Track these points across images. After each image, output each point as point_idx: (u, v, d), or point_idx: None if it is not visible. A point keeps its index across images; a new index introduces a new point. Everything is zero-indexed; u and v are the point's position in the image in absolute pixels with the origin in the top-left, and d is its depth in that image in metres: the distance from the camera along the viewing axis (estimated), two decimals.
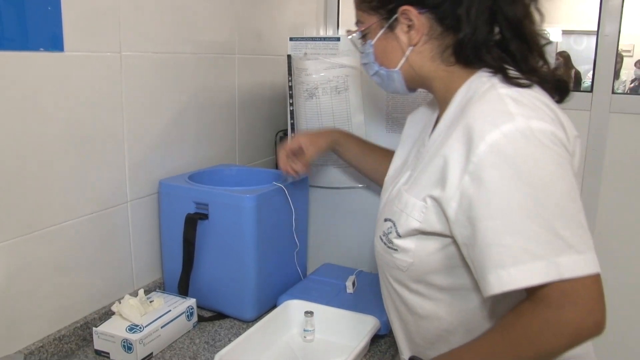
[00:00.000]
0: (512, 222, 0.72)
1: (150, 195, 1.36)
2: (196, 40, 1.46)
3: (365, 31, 0.95)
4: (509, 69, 0.84)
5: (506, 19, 0.84)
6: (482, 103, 0.79)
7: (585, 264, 0.71)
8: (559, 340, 0.71)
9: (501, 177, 0.73)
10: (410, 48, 0.90)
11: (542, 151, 0.74)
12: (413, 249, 0.86)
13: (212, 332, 1.26)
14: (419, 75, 0.93)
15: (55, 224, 1.12)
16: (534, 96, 0.80)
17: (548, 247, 0.71)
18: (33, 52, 1.03)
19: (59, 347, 1.12)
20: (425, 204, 0.83)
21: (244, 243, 1.26)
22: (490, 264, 0.73)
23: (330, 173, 1.55)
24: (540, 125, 0.75)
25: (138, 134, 1.30)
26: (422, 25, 0.87)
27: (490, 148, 0.74)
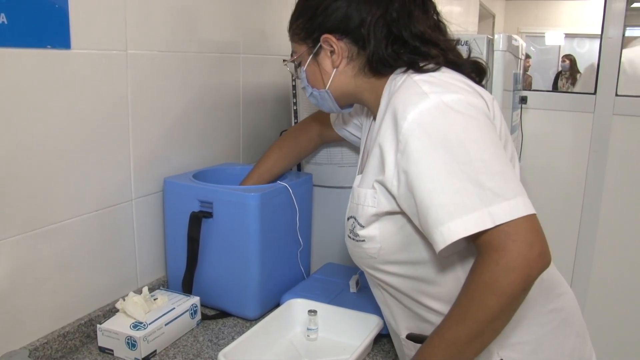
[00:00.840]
0: (441, 182, 0.80)
1: (155, 194, 1.37)
2: (201, 40, 1.47)
3: (298, 59, 1.07)
4: (421, 62, 0.94)
5: (410, 34, 0.95)
6: (401, 91, 0.89)
7: (516, 208, 0.78)
8: (512, 278, 0.76)
9: (424, 146, 0.82)
10: (335, 70, 1.01)
11: (456, 117, 0.82)
12: (378, 235, 0.93)
13: (215, 330, 1.26)
14: (347, 92, 1.04)
15: (59, 221, 1.12)
16: (447, 76, 0.91)
17: (478, 199, 0.78)
18: (40, 49, 1.03)
19: (63, 343, 1.13)
20: (374, 190, 0.91)
21: (248, 241, 1.26)
22: (432, 224, 0.81)
23: (335, 172, 1.55)
24: (452, 97, 0.84)
25: (143, 132, 1.30)
26: (341, 49, 0.99)
27: (411, 124, 0.83)
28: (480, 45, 1.39)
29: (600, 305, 2.07)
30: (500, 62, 1.43)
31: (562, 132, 1.98)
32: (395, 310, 1.04)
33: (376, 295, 1.08)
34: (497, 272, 0.77)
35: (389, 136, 0.87)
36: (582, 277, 2.05)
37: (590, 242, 2.01)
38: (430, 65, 0.93)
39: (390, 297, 1.03)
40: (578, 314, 1.05)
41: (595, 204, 1.97)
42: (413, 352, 1.02)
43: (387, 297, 1.04)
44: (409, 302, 0.99)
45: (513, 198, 0.78)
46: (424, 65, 0.93)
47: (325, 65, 1.02)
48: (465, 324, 0.80)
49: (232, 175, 1.51)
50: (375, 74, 0.99)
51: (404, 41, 0.95)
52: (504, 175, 0.81)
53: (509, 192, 0.79)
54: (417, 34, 0.95)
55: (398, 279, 0.97)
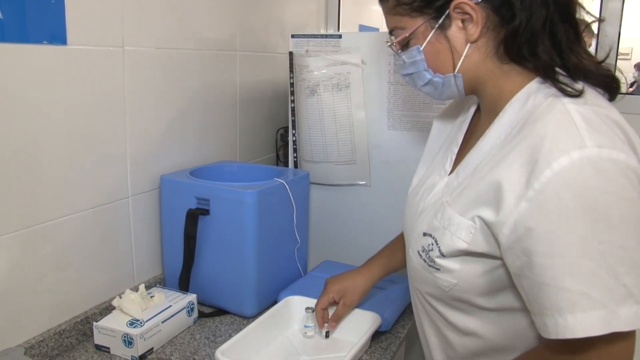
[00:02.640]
0: (572, 262, 0.65)
1: (152, 191, 1.36)
2: (198, 37, 1.46)
3: (410, 37, 0.83)
4: (558, 72, 0.77)
5: (557, 2, 0.75)
6: (549, 120, 0.71)
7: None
8: None
9: (564, 210, 0.66)
10: (468, 45, 0.79)
11: (612, 185, 0.66)
12: (458, 270, 0.79)
13: (212, 328, 1.25)
14: (477, 77, 0.82)
15: (55, 218, 1.11)
16: (604, 113, 0.72)
17: (609, 294, 0.65)
18: (36, 44, 1.03)
19: (59, 341, 1.12)
20: (474, 224, 0.75)
21: (245, 238, 1.26)
22: (547, 306, 0.68)
23: (332, 170, 1.55)
24: (613, 155, 0.66)
25: (140, 129, 1.30)
26: (480, 17, 0.76)
27: (556, 176, 0.66)
28: None
29: None
30: None
31: None
32: (433, 343, 0.94)
33: (416, 316, 0.98)
34: None
35: (517, 173, 0.70)
36: None
37: None
38: (566, 80, 0.75)
39: (435, 330, 0.92)
40: None
41: None
42: None
43: (429, 328, 0.93)
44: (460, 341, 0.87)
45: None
46: (565, 84, 0.74)
47: (456, 40, 0.79)
48: None
49: (229, 172, 1.50)
50: (514, 59, 0.78)
51: (553, 19, 0.75)
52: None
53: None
54: (561, 2, 0.76)
55: (463, 318, 0.84)
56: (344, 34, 1.51)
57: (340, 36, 1.50)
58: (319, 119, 1.50)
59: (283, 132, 1.81)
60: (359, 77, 1.48)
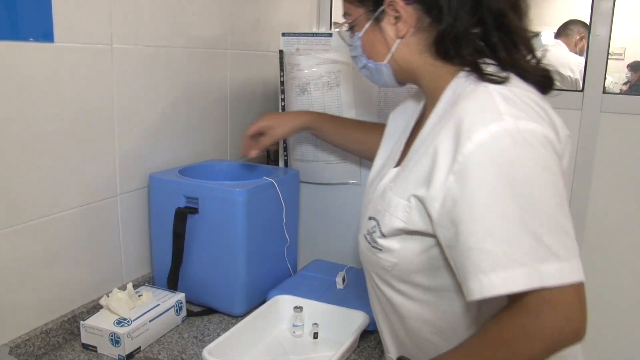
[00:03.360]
0: (495, 226, 0.70)
1: (141, 189, 1.36)
2: (188, 35, 1.45)
3: (353, 23, 0.93)
4: (487, 63, 0.83)
5: (489, 11, 0.82)
6: (471, 99, 0.77)
7: (568, 272, 0.70)
8: (535, 347, 0.71)
9: (485, 179, 0.71)
10: (398, 41, 0.88)
11: (529, 154, 0.71)
12: (398, 249, 0.84)
13: (201, 327, 1.25)
14: (407, 69, 0.91)
15: (43, 216, 1.11)
16: (525, 94, 0.78)
17: (531, 253, 0.69)
18: (22, 42, 1.02)
19: (45, 340, 1.11)
20: (409, 203, 0.81)
21: (234, 237, 1.25)
22: (472, 269, 0.72)
23: (322, 169, 1.54)
24: (530, 126, 0.72)
25: (129, 127, 1.29)
26: (409, 17, 0.85)
27: (477, 148, 0.71)
28: None
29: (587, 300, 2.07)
30: None
31: None
32: (385, 330, 0.99)
33: (372, 304, 1.03)
34: (522, 336, 0.71)
35: (445, 150, 0.75)
36: None
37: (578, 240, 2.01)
38: (491, 69, 0.81)
39: (385, 318, 0.97)
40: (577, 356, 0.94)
41: (583, 202, 1.97)
42: None
43: (380, 314, 0.99)
44: (404, 326, 0.92)
45: (568, 260, 0.70)
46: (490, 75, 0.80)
47: (387, 34, 0.88)
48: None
49: (219, 171, 1.50)
50: (442, 57, 0.86)
51: (481, 20, 0.82)
52: (564, 231, 0.71)
53: (566, 252, 0.70)
54: (495, 11, 0.81)
55: (402, 299, 0.89)
56: (334, 32, 1.50)
57: (330, 35, 1.50)
58: None
59: None
60: (349, 76, 1.48)
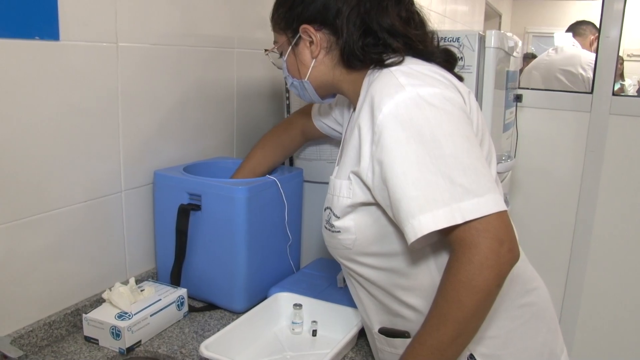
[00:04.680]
0: (413, 175, 0.81)
1: (145, 186, 1.38)
2: (195, 34, 1.47)
3: (280, 49, 1.09)
4: (390, 57, 0.94)
5: (379, 27, 0.95)
6: (378, 81, 0.90)
7: (485, 205, 0.79)
8: (486, 275, 0.78)
9: (397, 138, 0.82)
10: (314, 60, 1.02)
11: (431, 111, 0.83)
12: (353, 226, 0.94)
13: (202, 322, 1.27)
14: (326, 83, 1.04)
15: (48, 210, 1.13)
16: (424, 67, 0.91)
17: (448, 194, 0.79)
18: (28, 40, 1.04)
19: (49, 332, 1.14)
20: (350, 180, 0.92)
21: (235, 234, 1.27)
22: (403, 216, 0.82)
23: (325, 168, 1.55)
24: (428, 90, 0.85)
25: (133, 125, 1.31)
26: (320, 40, 0.99)
27: (387, 116, 0.83)
28: (472, 41, 1.38)
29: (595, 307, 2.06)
30: (491, 59, 1.42)
31: (558, 132, 1.97)
32: (367, 304, 1.04)
33: (350, 289, 1.09)
34: (471, 270, 0.78)
35: (365, 127, 0.88)
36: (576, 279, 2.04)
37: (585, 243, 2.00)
38: (392, 59, 0.94)
39: (363, 290, 1.03)
40: (550, 309, 1.06)
41: (591, 205, 1.96)
42: (385, 346, 1.03)
43: (360, 291, 1.04)
44: (382, 296, 0.99)
45: (484, 195, 0.79)
46: (387, 60, 0.94)
47: (304, 55, 1.02)
48: (446, 327, 0.80)
49: (224, 168, 1.51)
50: (349, 67, 0.99)
51: (375, 34, 0.95)
52: (476, 171, 0.81)
53: (480, 188, 0.80)
54: (386, 26, 0.95)
55: (372, 271, 0.97)
56: None
57: None
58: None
59: None
60: None
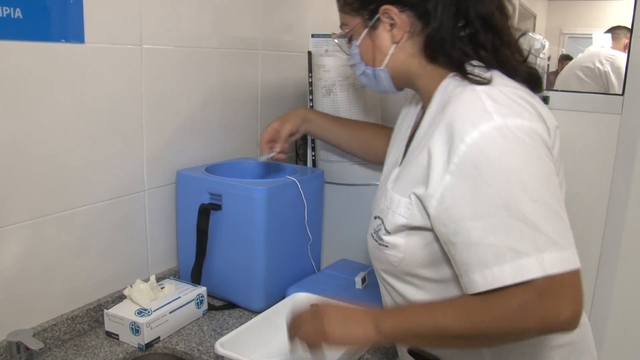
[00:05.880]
0: (494, 221, 0.74)
1: (168, 185, 1.40)
2: (219, 35, 1.49)
3: (350, 33, 0.98)
4: (474, 65, 0.87)
5: (476, 14, 0.87)
6: (460, 101, 0.81)
7: (568, 260, 0.73)
8: (529, 326, 0.73)
9: (482, 177, 0.75)
10: (394, 46, 0.93)
11: (520, 147, 0.75)
12: (403, 245, 0.88)
13: (220, 321, 1.28)
14: (403, 73, 0.96)
15: (73, 207, 1.17)
16: (511, 91, 0.82)
17: (531, 243, 0.72)
18: (54, 42, 1.08)
19: (71, 326, 1.17)
20: (410, 200, 0.86)
21: (254, 234, 1.28)
22: (475, 263, 0.75)
23: (347, 170, 1.55)
24: (517, 122, 0.77)
25: (157, 125, 1.34)
26: (403, 23, 0.90)
27: (470, 148, 0.76)
28: None
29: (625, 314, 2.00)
30: None
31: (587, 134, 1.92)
32: None
33: (384, 300, 1.05)
34: (518, 312, 0.73)
35: (439, 152, 0.80)
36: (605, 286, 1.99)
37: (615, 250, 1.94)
38: (476, 71, 0.85)
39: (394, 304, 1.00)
40: (590, 348, 0.98)
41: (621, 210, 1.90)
42: None
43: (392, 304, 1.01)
44: None
45: (567, 248, 0.73)
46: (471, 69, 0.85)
47: (383, 40, 0.93)
48: (462, 324, 0.77)
49: (246, 169, 1.53)
50: (431, 59, 0.91)
51: (468, 22, 0.87)
52: (561, 219, 0.75)
53: (564, 240, 0.74)
54: (482, 14, 0.86)
55: (415, 291, 0.92)
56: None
57: None
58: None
59: None
60: None
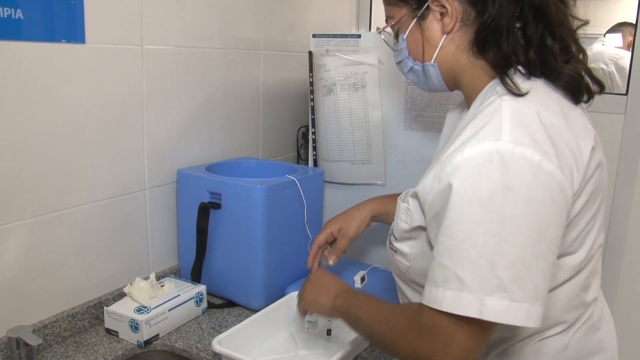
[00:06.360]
0: (456, 245, 0.69)
1: (170, 184, 1.41)
2: (221, 36, 1.50)
3: (397, 26, 0.90)
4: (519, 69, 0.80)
5: (530, 2, 0.78)
6: (487, 111, 0.74)
7: (515, 313, 0.67)
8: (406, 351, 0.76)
9: (462, 196, 0.69)
10: (445, 37, 0.84)
11: (516, 182, 0.67)
12: (409, 254, 0.86)
13: (220, 319, 1.29)
14: (452, 68, 0.86)
15: (74, 206, 1.18)
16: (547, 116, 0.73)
17: (481, 282, 0.67)
18: (55, 43, 1.09)
19: (72, 323, 1.18)
20: (408, 205, 0.84)
21: (254, 232, 1.29)
22: (430, 276, 0.73)
23: (347, 169, 1.56)
24: (527, 154, 0.68)
25: (158, 125, 1.35)
26: (455, 11, 0.81)
27: (463, 162, 0.70)
28: None
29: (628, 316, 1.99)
30: None
31: None
32: None
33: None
34: (404, 337, 0.76)
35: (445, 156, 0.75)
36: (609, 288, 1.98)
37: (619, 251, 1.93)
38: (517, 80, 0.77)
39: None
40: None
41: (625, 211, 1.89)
42: None
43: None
44: None
45: (519, 301, 0.67)
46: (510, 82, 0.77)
47: (433, 31, 0.84)
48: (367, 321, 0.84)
49: (247, 168, 1.54)
50: (481, 52, 0.82)
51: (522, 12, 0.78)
52: (528, 271, 0.67)
53: (519, 291, 0.67)
54: (536, 2, 0.78)
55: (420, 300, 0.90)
56: (363, 33, 1.51)
57: (359, 36, 1.51)
58: (335, 118, 1.51)
59: (304, 131, 1.83)
60: (375, 77, 1.48)
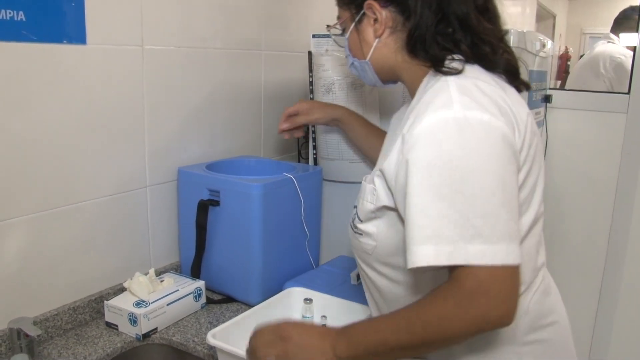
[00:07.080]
0: (428, 202, 0.75)
1: (170, 182, 1.44)
2: (221, 36, 1.53)
3: (342, 25, 1.03)
4: (455, 59, 0.88)
5: (454, 14, 0.88)
6: (432, 91, 0.83)
7: (494, 254, 0.73)
8: (464, 326, 0.74)
9: (425, 158, 0.76)
10: (377, 40, 0.95)
11: (472, 141, 0.76)
12: (375, 232, 0.91)
13: (218, 314, 1.32)
14: (387, 67, 0.98)
15: (75, 202, 1.21)
16: (481, 83, 0.83)
17: (458, 232, 0.74)
18: (56, 44, 1.12)
19: (73, 316, 1.21)
20: (374, 186, 0.89)
21: (252, 229, 1.31)
22: (409, 240, 0.77)
23: (346, 167, 1.57)
24: (478, 116, 0.77)
25: (158, 124, 1.38)
26: (385, 19, 0.93)
27: (424, 130, 0.77)
28: None
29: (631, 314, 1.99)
30: None
31: (592, 134, 1.91)
32: (374, 313, 1.03)
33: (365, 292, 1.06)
34: (453, 313, 0.74)
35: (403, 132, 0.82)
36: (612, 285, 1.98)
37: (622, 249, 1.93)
38: (453, 64, 0.86)
39: (373, 301, 1.02)
40: (568, 348, 0.97)
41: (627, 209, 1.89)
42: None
43: (370, 300, 1.03)
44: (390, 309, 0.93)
45: (496, 243, 0.73)
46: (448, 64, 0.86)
47: (367, 34, 0.96)
48: (405, 335, 0.78)
49: (247, 167, 1.56)
50: (413, 54, 0.92)
51: (446, 22, 0.88)
52: (498, 217, 0.74)
53: (494, 235, 0.74)
54: (460, 15, 0.87)
55: (386, 282, 0.94)
56: None
57: None
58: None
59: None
60: None
